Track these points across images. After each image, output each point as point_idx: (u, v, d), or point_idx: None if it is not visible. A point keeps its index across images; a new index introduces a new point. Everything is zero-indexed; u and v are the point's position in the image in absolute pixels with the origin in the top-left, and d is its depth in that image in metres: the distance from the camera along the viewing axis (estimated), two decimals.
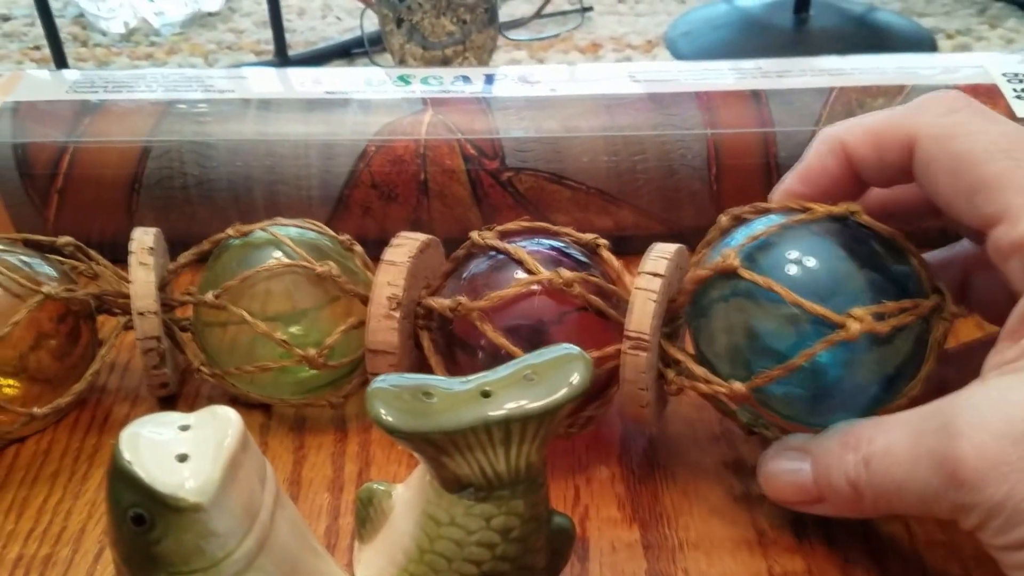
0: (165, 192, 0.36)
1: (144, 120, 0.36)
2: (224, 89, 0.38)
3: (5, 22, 0.58)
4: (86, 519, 0.28)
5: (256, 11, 0.60)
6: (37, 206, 0.36)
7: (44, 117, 0.36)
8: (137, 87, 0.38)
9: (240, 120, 0.36)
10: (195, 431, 0.21)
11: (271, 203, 0.37)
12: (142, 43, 0.56)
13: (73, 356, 0.29)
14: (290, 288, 0.29)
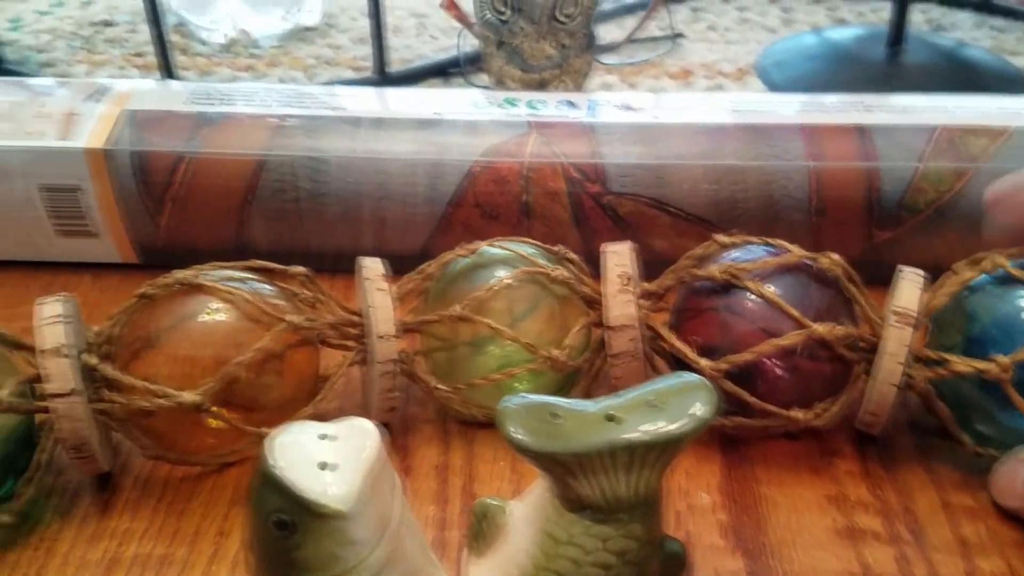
0: (277, 204, 0.37)
1: (260, 134, 0.37)
2: (336, 107, 0.39)
3: (107, 27, 0.61)
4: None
5: (353, 28, 0.61)
6: (151, 212, 0.38)
7: (163, 126, 0.37)
8: (252, 101, 0.39)
9: (352, 137, 0.38)
10: (335, 441, 0.22)
11: (378, 219, 0.38)
12: (242, 54, 0.57)
13: (292, 385, 0.30)
14: (523, 296, 0.30)
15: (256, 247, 0.38)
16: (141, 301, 0.28)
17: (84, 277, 0.39)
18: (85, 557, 0.27)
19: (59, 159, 0.36)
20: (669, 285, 0.30)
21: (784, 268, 0.29)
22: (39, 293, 0.38)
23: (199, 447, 0.30)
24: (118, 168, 0.37)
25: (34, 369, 0.27)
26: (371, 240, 0.38)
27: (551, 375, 0.31)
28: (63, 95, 0.39)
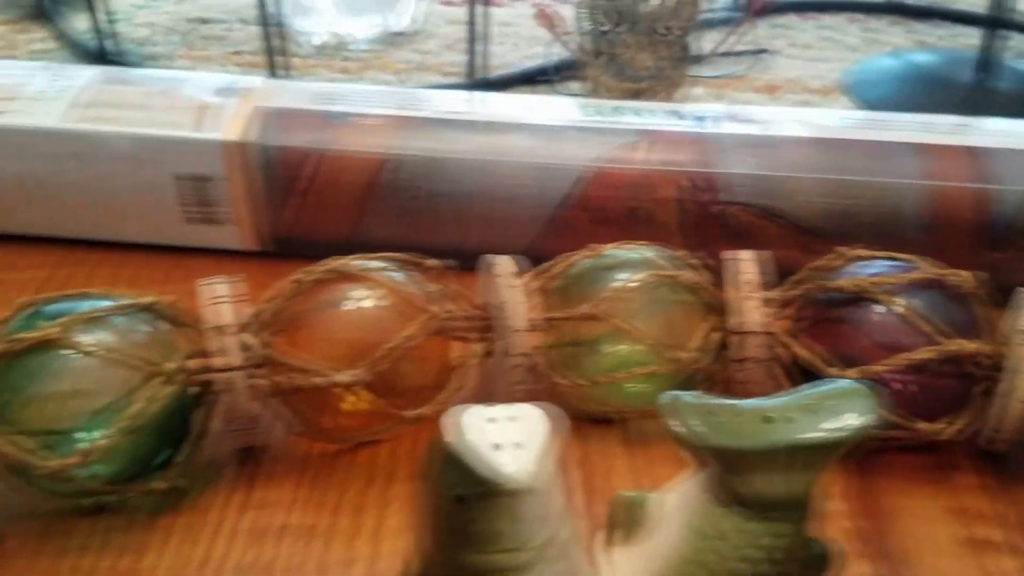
0: (397, 202, 0.39)
1: (383, 133, 0.39)
2: (452, 110, 0.40)
3: (203, 24, 0.62)
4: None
5: (440, 34, 0.63)
6: (277, 204, 0.39)
7: (293, 123, 0.39)
8: (371, 102, 0.40)
9: (469, 140, 0.39)
10: (507, 424, 0.23)
11: (487, 219, 0.39)
12: (336, 57, 0.59)
13: (429, 373, 0.31)
14: (643, 298, 0.31)
15: (371, 241, 0.40)
16: (295, 286, 0.30)
17: (207, 262, 0.40)
18: (235, 526, 0.29)
19: (196, 149, 0.38)
20: (795, 295, 0.31)
21: (916, 283, 0.30)
22: (164, 275, 0.40)
23: (333, 427, 0.31)
24: (250, 161, 0.38)
25: (191, 345, 0.28)
26: (479, 238, 0.39)
27: (666, 378, 0.32)
28: (192, 88, 0.40)
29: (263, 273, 0.35)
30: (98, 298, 0.28)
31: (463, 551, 0.23)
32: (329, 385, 0.28)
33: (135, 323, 0.28)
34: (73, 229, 0.40)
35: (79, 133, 0.37)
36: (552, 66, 0.56)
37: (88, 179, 0.38)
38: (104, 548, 0.28)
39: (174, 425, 0.29)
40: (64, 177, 0.38)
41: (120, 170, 0.38)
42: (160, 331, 0.29)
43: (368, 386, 0.29)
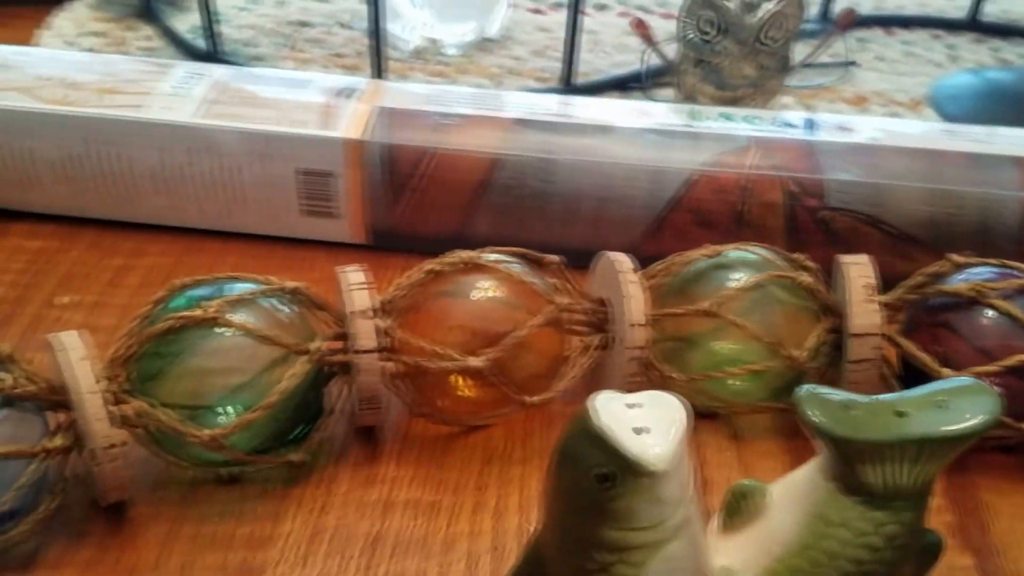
0: (505, 200, 0.40)
1: (496, 134, 0.40)
2: (558, 113, 0.41)
3: (303, 27, 0.64)
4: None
5: (529, 41, 0.64)
6: (390, 201, 0.41)
7: (409, 123, 0.40)
8: (483, 104, 0.42)
9: (578, 142, 0.40)
10: (644, 409, 0.24)
11: (596, 218, 0.40)
12: (431, 61, 0.61)
13: (544, 362, 0.32)
14: (755, 298, 0.32)
15: (475, 238, 0.41)
16: (426, 275, 0.31)
17: (319, 253, 0.42)
18: (362, 499, 0.30)
19: (320, 146, 0.39)
20: (909, 299, 0.32)
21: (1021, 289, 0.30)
22: (280, 264, 0.42)
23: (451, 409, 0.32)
24: (369, 158, 0.40)
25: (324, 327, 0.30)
26: (584, 238, 0.40)
27: (773, 376, 0.33)
28: (314, 88, 0.42)
29: (371, 265, 0.37)
30: (246, 281, 0.30)
31: (601, 527, 0.24)
32: (459, 369, 0.30)
33: (279, 305, 0.30)
34: (197, 219, 0.42)
35: (210, 128, 0.39)
36: (644, 73, 0.57)
37: (216, 172, 0.40)
38: (242, 515, 0.30)
39: (310, 402, 0.30)
40: (193, 169, 0.40)
41: (247, 164, 0.40)
42: (300, 314, 0.30)
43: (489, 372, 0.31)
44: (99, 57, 0.44)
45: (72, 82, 0.41)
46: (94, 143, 0.40)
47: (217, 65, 0.44)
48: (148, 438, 0.29)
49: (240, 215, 0.42)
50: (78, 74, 0.42)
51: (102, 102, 0.40)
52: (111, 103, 0.40)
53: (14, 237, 0.42)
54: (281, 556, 0.28)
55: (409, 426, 0.33)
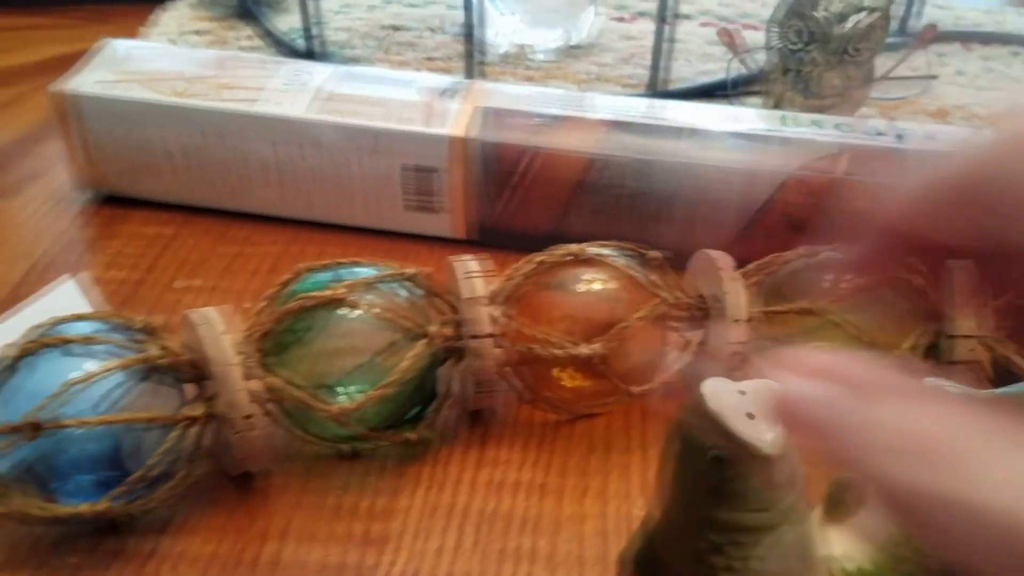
0: (601, 199, 0.41)
1: (595, 135, 0.41)
2: (654, 116, 0.43)
3: (396, 31, 0.67)
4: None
5: (615, 48, 0.66)
6: (491, 197, 0.42)
7: (510, 123, 0.42)
8: (582, 107, 0.43)
9: (675, 144, 0.41)
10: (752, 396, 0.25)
11: (688, 220, 0.41)
12: (520, 66, 0.62)
13: (646, 354, 0.33)
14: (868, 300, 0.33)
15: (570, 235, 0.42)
16: (536, 266, 0.32)
17: (421, 247, 0.44)
18: (474, 478, 0.32)
19: (426, 143, 0.41)
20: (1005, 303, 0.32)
21: None
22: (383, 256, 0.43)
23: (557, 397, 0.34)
24: (473, 156, 0.41)
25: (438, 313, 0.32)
26: (677, 238, 0.41)
27: None
28: (419, 88, 0.44)
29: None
30: (367, 266, 0.32)
31: (715, 508, 0.25)
32: (568, 357, 0.31)
33: (398, 290, 0.32)
34: (305, 211, 0.44)
35: (321, 124, 0.41)
36: (729, 81, 0.58)
37: (324, 166, 0.42)
38: (362, 489, 0.31)
39: (427, 384, 0.32)
40: (304, 163, 0.42)
41: (355, 159, 0.42)
42: (417, 299, 0.32)
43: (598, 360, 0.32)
44: (213, 53, 0.46)
45: (189, 76, 0.43)
46: (211, 135, 0.42)
47: (324, 64, 0.46)
48: (278, 412, 0.31)
49: (346, 208, 0.44)
50: (194, 69, 0.44)
51: (220, 96, 0.42)
52: (228, 97, 0.42)
53: (132, 224, 0.45)
54: (403, 528, 0.30)
55: (517, 412, 0.34)
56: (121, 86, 0.42)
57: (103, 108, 0.42)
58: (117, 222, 0.45)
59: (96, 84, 0.42)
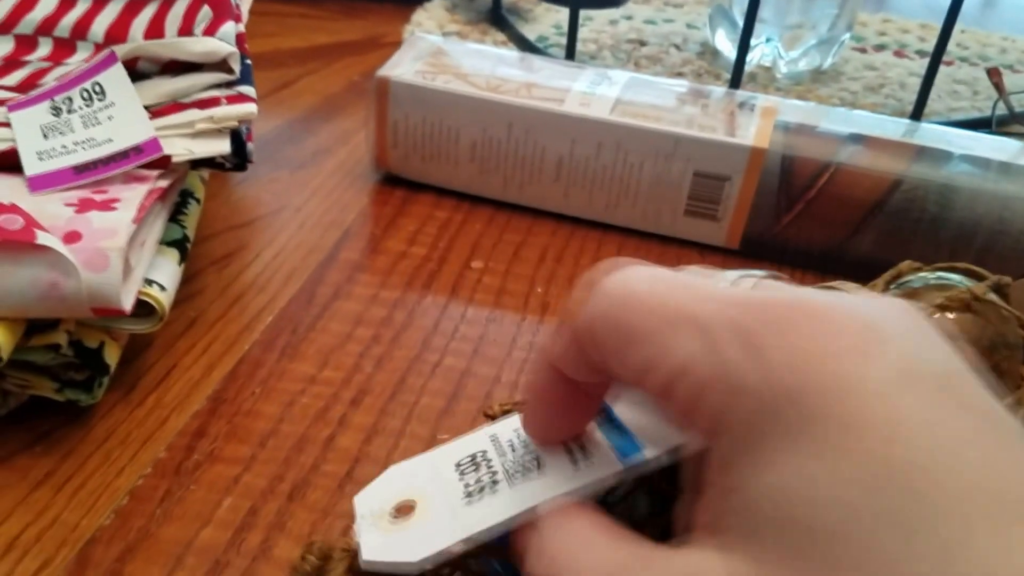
0: (898, 221, 0.42)
1: (898, 156, 0.42)
2: (960, 145, 0.43)
3: (641, 46, 0.69)
4: None
5: (859, 76, 0.66)
6: (779, 209, 0.43)
7: (809, 137, 0.43)
8: (879, 127, 0.44)
9: (981, 174, 0.41)
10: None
11: (985, 250, 0.41)
12: (769, 87, 0.63)
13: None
14: None
15: (857, 256, 0.43)
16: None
17: (692, 253, 0.46)
18: None
19: (725, 151, 0.43)
20: None
21: None
22: (657, 258, 0.46)
23: None
24: (769, 167, 0.43)
25: None
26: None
27: None
28: (716, 100, 0.45)
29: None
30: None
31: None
32: None
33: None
34: (582, 209, 0.46)
35: (626, 126, 0.43)
36: (995, 118, 0.58)
37: (617, 167, 0.44)
38: None
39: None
40: (597, 162, 0.45)
41: (649, 162, 0.44)
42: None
43: None
44: (515, 54, 0.49)
45: (498, 74, 0.46)
46: (518, 129, 0.45)
47: (619, 71, 0.48)
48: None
49: (624, 209, 0.46)
50: (502, 67, 0.47)
51: (529, 94, 0.45)
52: (536, 95, 0.45)
53: (422, 206, 0.48)
54: None
55: None
56: (440, 78, 0.45)
57: (420, 96, 0.45)
58: (408, 203, 0.48)
59: (416, 74, 0.46)
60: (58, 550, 0.29)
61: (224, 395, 0.35)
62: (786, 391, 0.17)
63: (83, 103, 0.31)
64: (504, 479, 0.23)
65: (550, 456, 0.23)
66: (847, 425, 0.16)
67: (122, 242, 0.27)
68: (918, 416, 0.16)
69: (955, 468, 0.16)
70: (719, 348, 0.18)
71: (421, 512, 0.23)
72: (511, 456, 0.24)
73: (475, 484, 0.23)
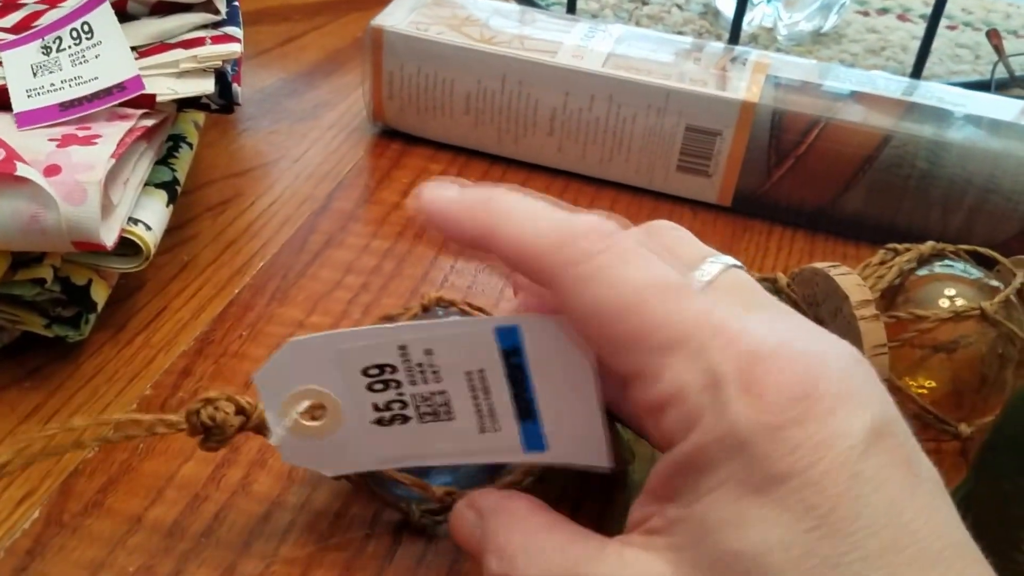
0: (888, 178, 0.41)
1: (889, 112, 0.41)
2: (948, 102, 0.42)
3: (644, 5, 0.68)
4: None
5: (861, 39, 0.64)
6: (769, 164, 0.42)
7: (800, 93, 0.42)
8: (871, 84, 0.43)
9: (973, 131, 0.40)
10: None
11: (975, 209, 0.40)
12: (770, 47, 0.62)
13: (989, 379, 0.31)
14: None
15: (845, 214, 0.42)
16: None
17: (685, 210, 0.45)
18: None
19: (716, 105, 0.41)
20: None
21: None
22: (650, 214, 0.45)
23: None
24: (760, 121, 0.42)
25: None
26: (960, 226, 0.41)
27: None
28: (708, 55, 0.44)
29: (731, 229, 0.42)
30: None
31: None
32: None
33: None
34: (574, 164, 0.45)
35: (618, 79, 0.42)
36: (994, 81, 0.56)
37: (610, 120, 0.43)
38: None
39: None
40: (590, 115, 0.44)
41: (642, 115, 0.43)
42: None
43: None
44: (513, 6, 0.48)
45: (493, 25, 0.45)
46: (512, 82, 0.44)
47: (615, 24, 0.47)
48: None
49: (618, 164, 0.45)
50: (497, 19, 0.46)
51: (522, 45, 0.44)
52: (530, 47, 0.44)
53: (417, 159, 0.47)
54: None
55: None
56: (433, 28, 0.45)
57: (413, 47, 0.44)
58: (404, 156, 0.47)
59: (411, 24, 0.45)
60: (42, 480, 0.29)
61: (212, 336, 0.35)
62: (765, 444, 0.19)
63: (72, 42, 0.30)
64: (414, 415, 0.23)
65: (459, 403, 0.23)
66: (815, 484, 0.18)
67: (99, 175, 0.26)
68: (872, 477, 0.18)
69: (891, 524, 0.18)
70: (712, 388, 0.19)
71: (332, 420, 0.23)
72: (422, 386, 0.23)
73: (385, 409, 0.23)
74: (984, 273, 0.32)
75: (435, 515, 0.27)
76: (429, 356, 0.23)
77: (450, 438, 0.23)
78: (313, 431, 0.24)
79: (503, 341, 0.22)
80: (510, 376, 0.23)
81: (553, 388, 0.23)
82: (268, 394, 0.24)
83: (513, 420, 0.23)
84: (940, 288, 0.30)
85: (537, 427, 0.23)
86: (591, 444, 0.23)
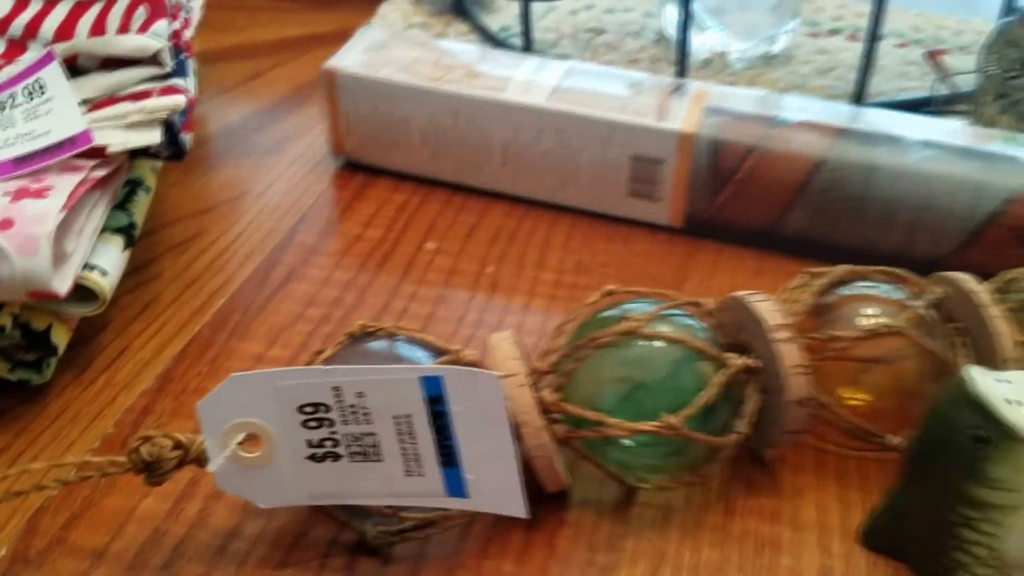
0: (825, 200, 0.42)
1: (821, 138, 0.43)
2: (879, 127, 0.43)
3: (598, 35, 0.69)
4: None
5: (811, 60, 0.66)
6: (712, 190, 0.44)
7: (737, 122, 0.43)
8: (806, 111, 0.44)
9: (902, 153, 0.42)
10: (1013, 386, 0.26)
11: (911, 227, 0.41)
12: (721, 72, 0.64)
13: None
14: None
15: (788, 234, 0.44)
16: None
17: (640, 232, 0.45)
18: (759, 529, 0.31)
19: (656, 136, 0.43)
20: None
21: None
22: (607, 237, 0.46)
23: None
24: (699, 150, 0.43)
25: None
26: (896, 243, 0.42)
27: None
28: (650, 86, 0.46)
29: (684, 249, 0.43)
30: (649, 299, 0.30)
31: (968, 484, 0.26)
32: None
33: (686, 319, 0.30)
34: (531, 191, 0.46)
35: (563, 113, 0.44)
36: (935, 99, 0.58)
37: (559, 150, 0.45)
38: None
39: (716, 418, 0.29)
40: (539, 147, 0.45)
41: (588, 146, 0.44)
42: (702, 328, 0.30)
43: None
44: (461, 45, 0.50)
45: (443, 64, 0.47)
46: (463, 118, 0.45)
47: (562, 61, 0.48)
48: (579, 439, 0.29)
49: (572, 191, 0.46)
50: (446, 58, 0.47)
51: (471, 84, 0.45)
52: (478, 85, 0.45)
53: (379, 190, 0.48)
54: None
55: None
56: (384, 69, 0.46)
57: (366, 87, 0.46)
58: (367, 188, 0.48)
59: (362, 66, 0.46)
60: (9, 518, 0.30)
61: (172, 374, 0.36)
62: None
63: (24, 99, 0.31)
64: (345, 454, 0.24)
65: (387, 445, 0.24)
66: None
67: (50, 228, 0.27)
68: None
69: None
70: None
71: (268, 452, 0.24)
72: (353, 426, 0.24)
73: (318, 446, 0.24)
74: (907, 293, 0.33)
75: (391, 536, 0.28)
76: (361, 398, 0.24)
77: (379, 479, 0.24)
78: (249, 461, 0.25)
79: (428, 389, 0.23)
80: (434, 423, 0.24)
81: (474, 437, 0.24)
82: (209, 423, 0.25)
83: (436, 466, 0.24)
84: (858, 308, 0.32)
85: (458, 473, 0.24)
86: (509, 493, 0.24)
